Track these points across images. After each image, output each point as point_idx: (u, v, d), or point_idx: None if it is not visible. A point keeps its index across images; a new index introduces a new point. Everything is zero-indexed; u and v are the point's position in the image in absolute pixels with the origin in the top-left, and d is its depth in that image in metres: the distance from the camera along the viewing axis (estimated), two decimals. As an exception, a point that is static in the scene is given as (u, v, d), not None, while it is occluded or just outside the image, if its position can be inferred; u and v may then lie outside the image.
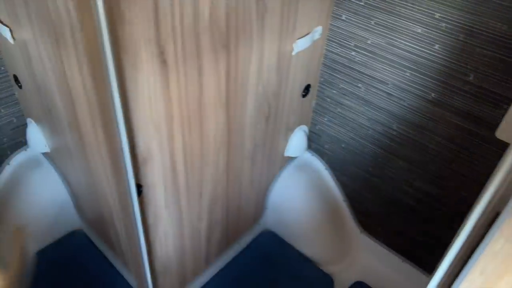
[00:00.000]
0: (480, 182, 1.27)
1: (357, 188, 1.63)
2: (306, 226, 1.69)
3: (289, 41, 1.23)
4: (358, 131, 1.50)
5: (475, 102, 1.16)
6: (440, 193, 1.38)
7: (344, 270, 1.68)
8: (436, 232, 1.47)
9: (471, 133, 1.21)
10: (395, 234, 1.61)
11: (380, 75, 1.33)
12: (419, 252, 1.56)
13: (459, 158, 1.28)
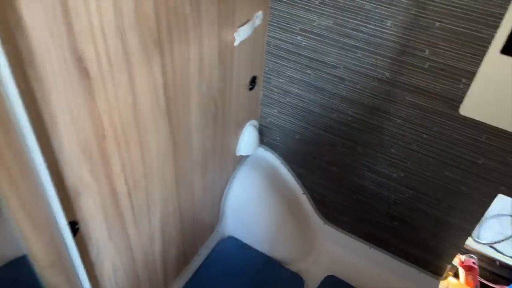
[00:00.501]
0: (444, 161, 1.23)
1: (315, 179, 1.55)
2: (268, 226, 1.59)
3: (230, 30, 1.09)
4: (311, 120, 1.41)
5: (433, 79, 1.10)
6: (403, 175, 1.33)
7: (313, 265, 1.60)
8: (401, 214, 1.43)
9: (431, 111, 1.16)
10: (360, 221, 1.55)
11: (330, 59, 1.24)
12: (386, 236, 1.52)
13: (420, 138, 1.23)
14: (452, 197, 1.28)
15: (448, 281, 1.48)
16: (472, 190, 1.23)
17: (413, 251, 1.49)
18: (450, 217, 1.33)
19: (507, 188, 1.17)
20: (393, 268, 1.56)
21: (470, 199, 1.25)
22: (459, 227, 1.33)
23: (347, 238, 1.61)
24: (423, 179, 1.30)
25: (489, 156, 1.14)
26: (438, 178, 1.27)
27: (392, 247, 1.53)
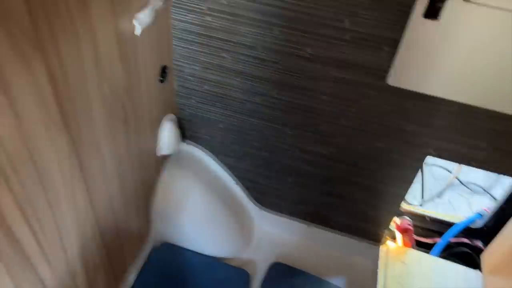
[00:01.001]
0: (374, 132, 1.20)
1: (247, 167, 1.46)
2: (202, 224, 1.48)
3: (126, 18, 0.92)
4: (233, 106, 1.30)
5: (357, 50, 1.05)
6: (335, 151, 1.30)
7: (256, 255, 1.54)
8: (338, 190, 1.41)
9: (357, 84, 1.11)
10: (297, 202, 1.51)
11: (245, 39, 1.13)
12: (324, 212, 1.50)
13: (349, 112, 1.18)
14: (385, 166, 1.27)
15: (387, 246, 1.51)
16: (403, 157, 1.23)
17: (352, 222, 1.49)
18: (384, 185, 1.33)
19: (435, 150, 1.18)
20: (334, 242, 1.56)
21: (402, 166, 1.25)
22: (393, 193, 1.34)
23: (286, 220, 1.56)
24: (355, 152, 1.28)
25: (416, 121, 1.14)
26: (369, 149, 1.25)
27: (331, 222, 1.52)
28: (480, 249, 1.53)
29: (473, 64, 0.93)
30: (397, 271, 1.44)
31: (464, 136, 1.12)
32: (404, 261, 1.48)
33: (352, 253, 1.56)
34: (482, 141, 1.11)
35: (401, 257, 1.49)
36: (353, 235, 1.52)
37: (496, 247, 1.43)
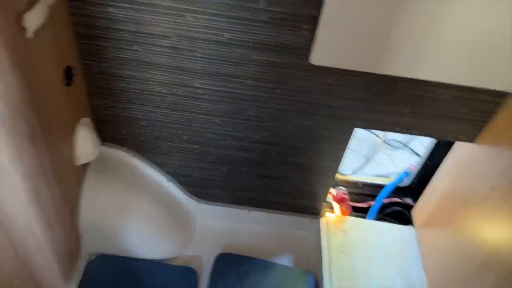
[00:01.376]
0: (302, 111, 1.19)
1: (178, 162, 1.39)
2: (137, 229, 1.39)
3: (13, 20, 0.79)
4: (154, 101, 1.21)
5: (276, 31, 1.01)
6: (267, 134, 1.27)
7: (200, 250, 1.49)
8: (273, 172, 1.39)
9: (281, 65, 1.08)
10: (234, 189, 1.47)
11: (158, 29, 1.04)
12: (262, 195, 1.49)
13: (275, 94, 1.16)
14: (316, 142, 1.28)
15: (327, 217, 1.55)
16: (333, 131, 1.24)
17: (291, 201, 1.49)
18: (317, 161, 1.34)
19: (362, 122, 1.20)
20: (277, 223, 1.56)
21: (332, 140, 1.26)
22: (327, 167, 1.36)
23: (227, 209, 1.53)
24: (286, 133, 1.26)
25: (341, 96, 1.14)
26: (300, 128, 1.24)
27: (271, 204, 1.51)
28: (411, 206, 1.62)
29: (388, 35, 0.93)
30: (339, 240, 1.49)
31: (387, 105, 1.15)
32: (344, 230, 1.53)
33: (295, 230, 1.57)
34: (404, 107, 1.15)
35: (341, 226, 1.54)
36: (294, 213, 1.53)
37: (424, 203, 1.53)
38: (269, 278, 1.40)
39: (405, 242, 1.52)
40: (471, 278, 1.14)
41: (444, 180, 1.40)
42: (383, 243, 1.51)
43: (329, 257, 1.43)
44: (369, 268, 1.42)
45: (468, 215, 1.22)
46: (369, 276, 1.39)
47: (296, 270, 1.46)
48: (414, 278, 1.41)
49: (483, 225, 1.14)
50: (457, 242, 1.26)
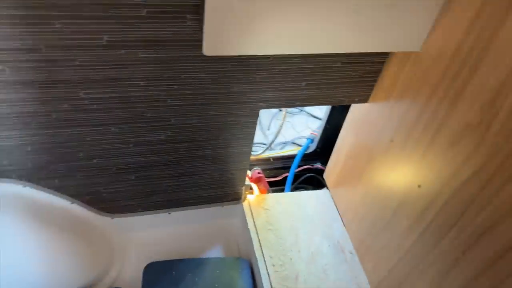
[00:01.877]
0: (204, 103, 1.15)
1: (79, 181, 1.26)
2: (44, 266, 1.25)
3: None
4: (36, 123, 1.06)
5: (159, 25, 0.94)
6: (171, 133, 1.21)
7: (125, 267, 1.40)
8: (186, 168, 1.34)
9: (172, 60, 1.02)
10: (149, 195, 1.39)
11: (22, 42, 0.89)
12: (180, 194, 1.43)
13: (173, 90, 1.09)
14: (224, 131, 1.25)
15: (248, 200, 1.56)
16: (239, 117, 1.22)
17: (211, 193, 1.46)
18: (229, 148, 1.32)
19: (264, 102, 1.20)
20: (200, 218, 1.52)
21: (240, 126, 1.25)
22: (240, 152, 1.34)
23: (145, 217, 1.45)
24: (191, 128, 1.21)
25: (241, 81, 1.12)
26: (205, 120, 1.20)
27: (190, 201, 1.47)
28: (322, 170, 1.70)
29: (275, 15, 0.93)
30: (263, 218, 1.51)
31: (286, 82, 1.16)
32: (266, 207, 1.55)
33: (220, 220, 1.56)
34: (300, 82, 1.17)
35: (262, 205, 1.56)
36: (216, 203, 1.51)
37: (332, 165, 1.61)
38: (203, 275, 1.38)
39: (323, 205, 1.60)
40: (387, 225, 1.25)
41: (346, 140, 1.49)
42: (304, 211, 1.57)
43: (258, 238, 1.44)
44: (297, 238, 1.47)
45: (373, 169, 1.32)
46: (299, 246, 1.44)
47: (228, 259, 1.45)
48: (338, 236, 1.50)
49: (388, 176, 1.23)
50: (368, 195, 1.35)
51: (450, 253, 1.00)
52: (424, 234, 1.09)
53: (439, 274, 1.04)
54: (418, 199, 1.11)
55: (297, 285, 1.33)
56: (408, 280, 1.16)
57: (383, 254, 1.28)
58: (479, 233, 0.90)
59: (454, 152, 0.98)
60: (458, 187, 0.96)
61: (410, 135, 1.13)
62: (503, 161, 0.84)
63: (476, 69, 0.89)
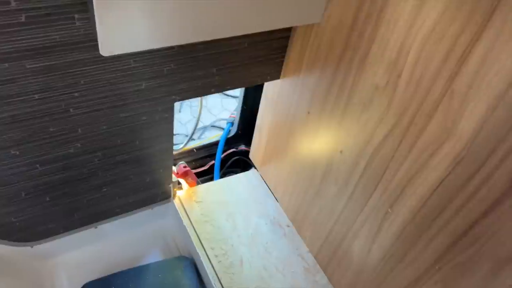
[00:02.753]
0: (111, 106, 1.06)
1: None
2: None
3: None
4: None
5: (42, 30, 0.84)
6: (80, 145, 1.11)
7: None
8: (106, 178, 1.25)
9: (67, 65, 0.92)
10: (70, 213, 1.28)
11: None
12: (105, 205, 1.34)
13: (73, 99, 0.99)
14: (139, 132, 1.18)
15: (178, 196, 1.51)
16: (153, 114, 1.16)
17: (137, 197, 1.39)
18: (149, 148, 1.25)
19: (178, 95, 1.15)
20: (131, 225, 1.45)
21: (155, 123, 1.19)
22: (161, 151, 1.28)
23: (70, 237, 1.33)
24: (103, 134, 1.12)
25: (147, 76, 1.06)
26: (116, 125, 1.12)
27: (117, 210, 1.38)
28: (247, 151, 1.70)
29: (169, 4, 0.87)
30: (197, 212, 1.48)
31: (196, 71, 1.12)
32: (197, 200, 1.52)
33: (153, 223, 1.49)
34: (211, 68, 1.14)
35: (194, 198, 1.52)
36: (145, 207, 1.44)
37: (256, 144, 1.62)
38: (146, 283, 1.32)
39: (254, 186, 1.61)
40: (317, 193, 1.29)
41: (265, 119, 1.50)
42: (236, 195, 1.56)
43: (195, 232, 1.41)
44: (235, 223, 1.46)
45: (296, 142, 1.34)
46: (238, 231, 1.44)
47: (169, 260, 1.40)
48: (273, 213, 1.52)
49: (311, 147, 1.27)
50: (295, 168, 1.38)
51: (379, 210, 1.06)
52: (352, 196, 1.14)
53: (372, 231, 1.10)
54: (342, 164, 1.15)
55: (243, 269, 1.33)
56: (345, 241, 1.21)
57: (318, 222, 1.33)
58: (402, 186, 0.97)
59: (367, 115, 1.02)
60: (376, 147, 1.02)
61: (324, 105, 1.16)
62: (412, 118, 0.89)
63: (376, 33, 0.93)
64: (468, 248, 0.85)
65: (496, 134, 0.73)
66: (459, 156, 0.81)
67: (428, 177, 0.89)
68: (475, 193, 0.80)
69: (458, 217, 0.85)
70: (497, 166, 0.75)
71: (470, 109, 0.76)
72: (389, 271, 1.07)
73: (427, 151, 0.88)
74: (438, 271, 0.93)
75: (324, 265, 1.35)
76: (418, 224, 0.95)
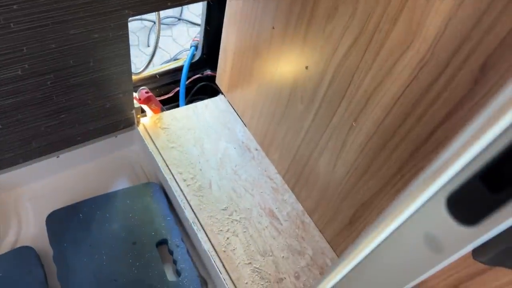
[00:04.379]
0: (60, 21, 0.97)
1: None
2: None
3: None
4: None
5: None
6: (29, 65, 1.03)
7: (23, 228, 1.27)
8: (61, 103, 1.18)
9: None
10: (28, 142, 1.22)
11: None
12: (66, 133, 1.28)
13: (12, 12, 0.90)
14: (93, 50, 1.10)
15: (142, 123, 1.47)
16: (106, 31, 1.07)
17: (98, 124, 1.33)
18: (105, 70, 1.18)
19: (131, 9, 1.06)
20: (95, 153, 1.40)
21: (110, 41, 1.11)
22: (118, 73, 1.21)
23: (30, 167, 1.29)
24: (52, 54, 1.04)
25: (95, -13, 0.96)
26: (66, 43, 1.04)
27: (78, 137, 1.33)
28: (213, 76, 1.65)
29: None
30: (164, 138, 1.45)
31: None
32: (163, 127, 1.48)
33: (118, 150, 1.46)
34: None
35: (159, 125, 1.48)
36: (108, 134, 1.39)
37: (222, 68, 1.56)
38: (114, 209, 1.31)
39: (221, 111, 1.58)
40: (284, 113, 1.27)
41: (229, 39, 1.43)
42: (203, 121, 1.53)
43: (162, 158, 1.39)
44: (203, 149, 1.44)
45: (262, 61, 1.29)
46: (206, 156, 1.43)
47: (137, 186, 1.39)
48: (241, 137, 1.51)
49: (277, 65, 1.23)
50: (262, 89, 1.35)
51: (344, 124, 1.05)
52: (318, 112, 1.13)
53: (337, 146, 1.10)
54: (308, 81, 1.12)
55: (212, 192, 1.34)
56: (311, 159, 1.22)
57: (285, 142, 1.32)
58: (366, 98, 0.95)
59: (332, 27, 0.98)
60: (341, 59, 0.99)
61: (289, 18, 1.10)
62: (376, 24, 0.86)
63: None
64: (430, 153, 0.86)
65: (460, 32, 0.71)
66: (423, 60, 0.79)
67: (392, 86, 0.88)
68: (437, 98, 0.80)
69: (421, 124, 0.85)
70: (460, 67, 0.73)
71: (436, 5, 0.73)
72: (354, 184, 1.09)
73: (391, 58, 0.86)
74: (400, 179, 0.95)
75: (292, 185, 1.37)
76: (382, 134, 0.95)
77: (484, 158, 0.25)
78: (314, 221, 1.33)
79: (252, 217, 1.30)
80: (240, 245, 1.24)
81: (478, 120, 0.26)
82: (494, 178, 0.25)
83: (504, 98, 0.24)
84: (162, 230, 1.27)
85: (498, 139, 0.24)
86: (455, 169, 0.28)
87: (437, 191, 0.30)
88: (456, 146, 0.29)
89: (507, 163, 0.24)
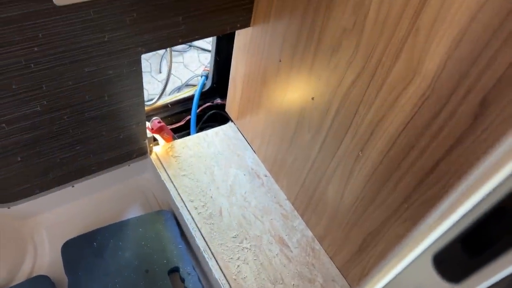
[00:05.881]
0: (76, 60, 1.02)
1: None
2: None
3: None
4: None
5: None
6: (47, 102, 1.08)
7: (38, 257, 1.30)
8: (76, 136, 1.23)
9: (22, 19, 0.87)
10: (44, 173, 1.27)
11: None
12: (80, 164, 1.33)
13: (33, 54, 0.95)
14: (107, 87, 1.15)
15: (154, 152, 1.51)
16: (119, 68, 1.12)
17: (112, 154, 1.38)
18: (119, 103, 1.23)
19: (144, 46, 1.12)
20: (108, 182, 1.45)
21: (123, 77, 1.16)
22: (132, 105, 1.26)
23: (46, 197, 1.33)
24: (69, 90, 1.09)
25: (109, 27, 1.02)
26: (82, 79, 1.09)
27: (93, 168, 1.37)
28: (223, 105, 1.69)
29: None
30: (175, 166, 1.48)
31: (160, 20, 1.08)
32: (175, 155, 1.52)
33: (131, 179, 1.50)
34: (176, 16, 1.10)
35: (171, 153, 1.52)
36: (121, 164, 1.43)
37: (231, 96, 1.60)
38: (127, 237, 1.34)
39: (231, 138, 1.61)
40: (292, 141, 1.30)
41: (238, 70, 1.47)
42: (213, 148, 1.57)
43: (174, 186, 1.42)
44: (213, 176, 1.47)
45: (269, 91, 1.33)
46: (217, 183, 1.46)
47: (149, 214, 1.42)
48: (251, 164, 1.53)
49: (284, 95, 1.26)
50: (270, 118, 1.38)
51: (351, 154, 1.07)
52: (325, 142, 1.15)
53: (344, 175, 1.12)
54: (314, 111, 1.15)
55: (223, 219, 1.36)
56: (320, 187, 1.24)
57: (293, 169, 1.34)
58: (372, 129, 0.97)
59: (337, 59, 1.01)
60: (345, 91, 1.02)
61: (295, 51, 1.14)
62: (379, 59, 0.89)
63: (342, -27, 0.90)
64: (434, 185, 0.87)
65: (459, 70, 0.73)
66: (425, 95, 0.82)
67: (395, 118, 0.90)
68: (440, 131, 0.82)
69: (424, 156, 0.87)
70: (460, 103, 0.75)
71: (434, 45, 0.76)
72: (361, 213, 1.11)
73: (394, 92, 0.88)
74: (406, 209, 0.96)
75: (301, 211, 1.39)
76: (387, 165, 0.97)
77: (464, 224, 0.27)
78: (324, 248, 1.33)
79: (262, 245, 1.32)
80: (250, 273, 1.25)
81: (456, 191, 0.29)
82: (474, 242, 0.27)
83: (474, 177, 0.26)
84: (174, 258, 1.30)
85: (475, 209, 0.26)
86: (441, 230, 0.30)
87: (425, 249, 0.32)
88: (440, 211, 0.31)
89: (484, 230, 0.26)
